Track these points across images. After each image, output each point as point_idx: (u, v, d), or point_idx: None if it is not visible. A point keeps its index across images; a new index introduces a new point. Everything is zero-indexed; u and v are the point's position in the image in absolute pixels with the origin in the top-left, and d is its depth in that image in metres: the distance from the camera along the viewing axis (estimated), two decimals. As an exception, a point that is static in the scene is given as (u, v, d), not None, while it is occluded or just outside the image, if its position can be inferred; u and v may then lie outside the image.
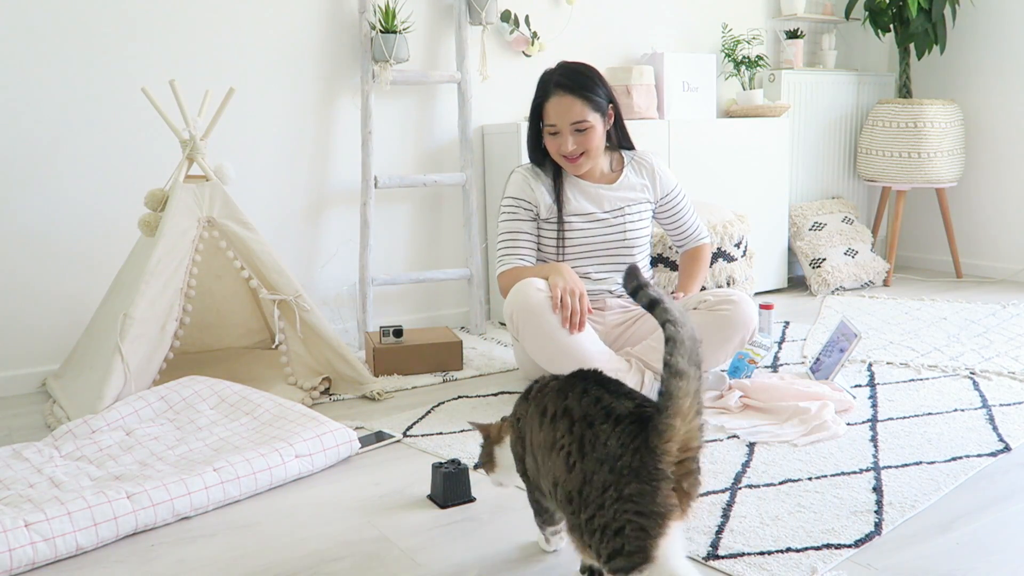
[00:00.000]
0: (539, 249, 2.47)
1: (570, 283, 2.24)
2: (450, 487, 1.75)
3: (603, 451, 1.22)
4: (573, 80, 2.31)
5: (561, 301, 2.20)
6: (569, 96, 2.30)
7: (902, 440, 2.02)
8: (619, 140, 2.50)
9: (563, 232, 2.43)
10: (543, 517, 1.48)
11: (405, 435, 2.15)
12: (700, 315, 2.32)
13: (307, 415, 2.05)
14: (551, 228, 2.44)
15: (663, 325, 1.21)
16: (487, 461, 1.54)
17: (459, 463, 1.77)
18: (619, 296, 2.51)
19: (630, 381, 2.25)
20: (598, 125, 2.34)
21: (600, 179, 2.47)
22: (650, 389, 2.29)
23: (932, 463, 1.88)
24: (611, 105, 2.38)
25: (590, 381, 1.35)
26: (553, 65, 2.40)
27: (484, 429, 1.55)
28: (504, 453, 1.50)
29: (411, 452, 2.05)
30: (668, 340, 1.19)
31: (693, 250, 2.66)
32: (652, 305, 1.25)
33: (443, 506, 1.74)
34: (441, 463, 1.77)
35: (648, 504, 1.16)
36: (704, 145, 3.63)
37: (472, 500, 1.76)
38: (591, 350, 2.22)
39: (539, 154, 2.44)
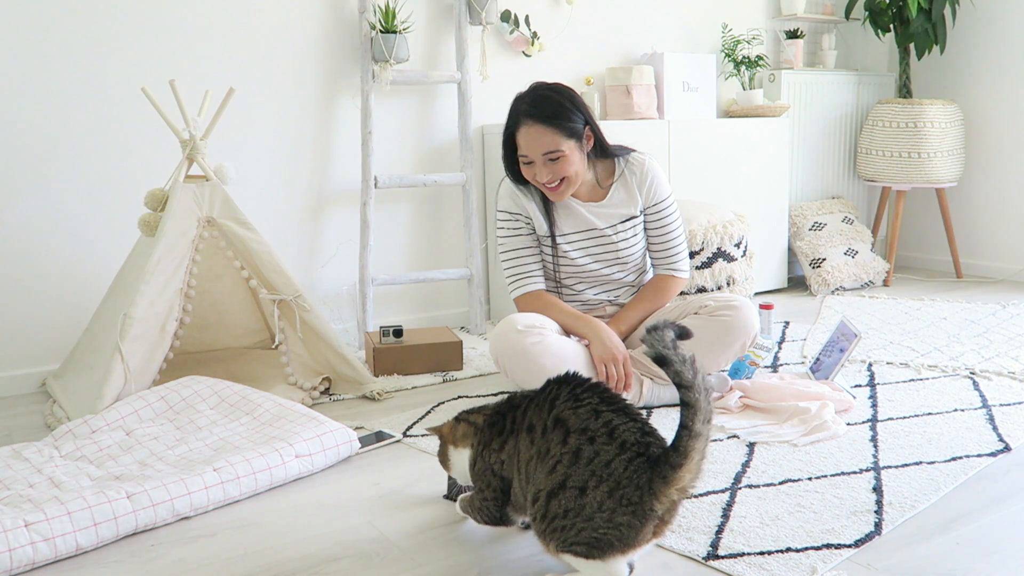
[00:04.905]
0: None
1: (610, 350, 2.22)
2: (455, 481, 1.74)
3: (603, 470, 1.31)
4: (542, 108, 2.17)
5: (607, 374, 2.21)
6: (539, 126, 2.16)
7: (902, 440, 2.02)
8: (599, 155, 2.33)
9: (556, 256, 2.38)
10: (496, 523, 1.54)
11: (405, 435, 2.15)
12: (701, 320, 2.29)
13: (307, 415, 2.05)
14: (546, 248, 2.39)
15: (678, 388, 1.29)
16: (444, 461, 1.60)
17: None
18: (619, 304, 2.49)
19: (632, 390, 2.27)
20: (573, 152, 2.20)
21: (588, 197, 2.36)
22: (649, 394, 2.29)
23: (932, 463, 1.88)
24: (587, 127, 2.24)
25: (575, 386, 1.41)
26: (524, 89, 2.26)
27: (437, 431, 1.62)
28: (459, 457, 1.56)
29: (411, 452, 2.06)
30: (685, 404, 1.28)
31: (662, 279, 2.44)
32: (662, 362, 1.30)
33: (446, 496, 1.76)
34: None
35: (631, 537, 1.30)
36: (704, 145, 3.62)
37: None
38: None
39: (519, 177, 2.31)
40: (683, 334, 1.34)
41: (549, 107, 2.18)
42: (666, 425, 2.16)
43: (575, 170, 2.22)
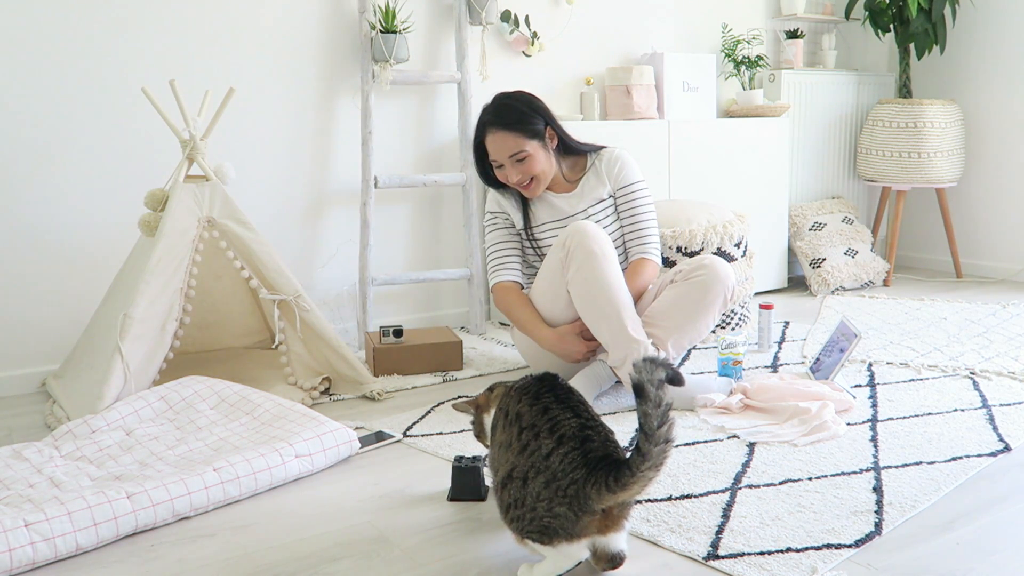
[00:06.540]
0: (524, 257, 2.59)
1: (567, 349, 2.36)
2: (459, 482, 1.76)
3: (542, 463, 1.37)
4: (502, 116, 2.40)
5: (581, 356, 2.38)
6: (501, 132, 2.39)
7: (902, 440, 2.02)
8: (567, 151, 2.53)
9: (536, 246, 2.54)
10: None
11: (405, 435, 2.15)
12: (678, 287, 2.36)
13: (307, 415, 2.05)
14: (527, 241, 2.56)
15: (640, 430, 1.29)
16: (480, 432, 1.65)
17: (476, 459, 1.78)
18: None
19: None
20: (537, 151, 2.41)
21: (563, 189, 2.55)
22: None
23: (932, 463, 1.88)
24: (548, 127, 2.44)
25: (544, 386, 1.46)
26: (490, 100, 2.46)
27: (471, 403, 1.65)
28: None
29: (411, 452, 2.06)
30: (639, 450, 1.28)
31: (636, 263, 2.50)
32: (639, 392, 1.28)
33: (450, 499, 1.77)
34: (461, 457, 1.78)
35: (570, 526, 1.34)
36: (704, 145, 3.62)
37: (481, 499, 1.76)
38: (622, 295, 2.28)
39: (493, 182, 2.52)
40: (674, 380, 1.30)
41: (510, 114, 2.40)
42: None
43: (541, 168, 2.43)
